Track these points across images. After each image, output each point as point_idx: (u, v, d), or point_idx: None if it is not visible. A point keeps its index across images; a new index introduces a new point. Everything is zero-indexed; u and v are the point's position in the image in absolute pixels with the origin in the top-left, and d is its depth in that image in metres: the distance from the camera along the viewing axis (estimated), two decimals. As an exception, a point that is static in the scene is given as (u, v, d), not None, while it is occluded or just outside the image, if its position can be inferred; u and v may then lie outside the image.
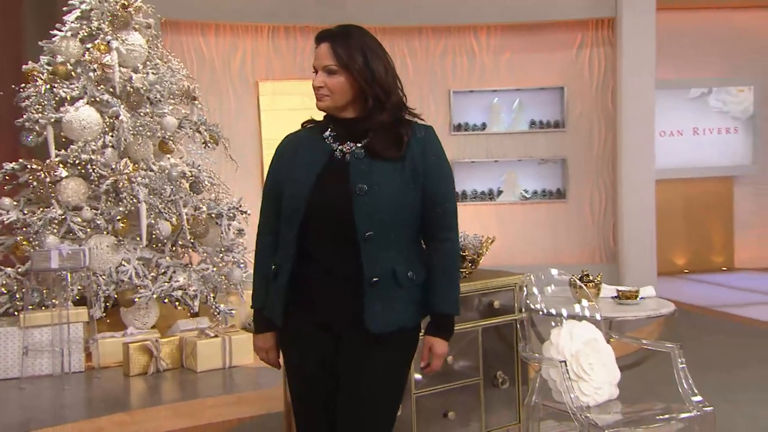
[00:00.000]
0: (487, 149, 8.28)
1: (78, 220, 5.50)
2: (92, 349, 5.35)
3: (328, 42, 2.37)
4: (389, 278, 2.34)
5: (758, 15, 9.22)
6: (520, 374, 3.47)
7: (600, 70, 8.29)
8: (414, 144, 2.39)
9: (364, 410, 2.39)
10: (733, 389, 4.71)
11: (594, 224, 8.39)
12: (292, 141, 2.53)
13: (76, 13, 5.82)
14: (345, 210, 2.32)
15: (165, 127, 5.80)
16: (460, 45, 8.20)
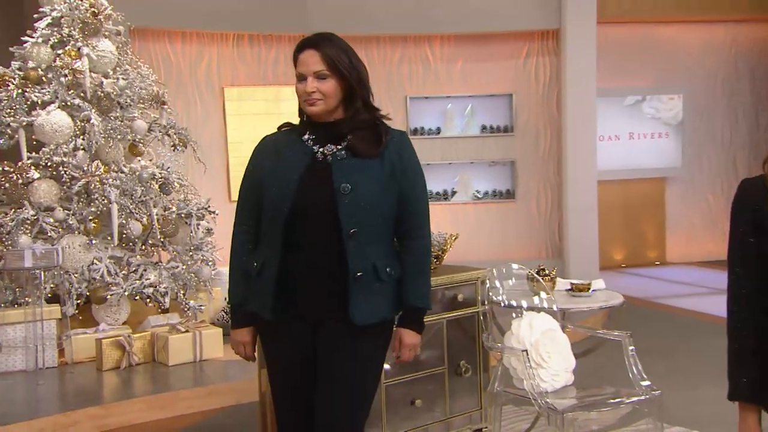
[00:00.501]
0: (441, 152, 8.31)
1: (50, 220, 5.37)
2: (65, 345, 5.25)
3: (314, 49, 2.35)
4: (371, 273, 2.34)
5: (686, 29, 9.39)
6: (482, 363, 3.49)
7: (545, 78, 8.38)
8: (391, 146, 2.40)
9: (343, 396, 2.38)
10: (670, 374, 4.82)
11: (541, 222, 8.49)
12: (271, 142, 2.50)
13: (47, 20, 5.69)
14: (329, 208, 2.31)
15: (135, 131, 5.72)
16: (415, 54, 8.22)
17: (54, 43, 5.67)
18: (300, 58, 2.36)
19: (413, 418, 3.30)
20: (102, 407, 4.39)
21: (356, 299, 2.32)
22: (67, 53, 5.61)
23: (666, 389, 3.26)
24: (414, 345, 2.46)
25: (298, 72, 2.36)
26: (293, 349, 2.43)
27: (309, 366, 2.42)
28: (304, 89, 2.34)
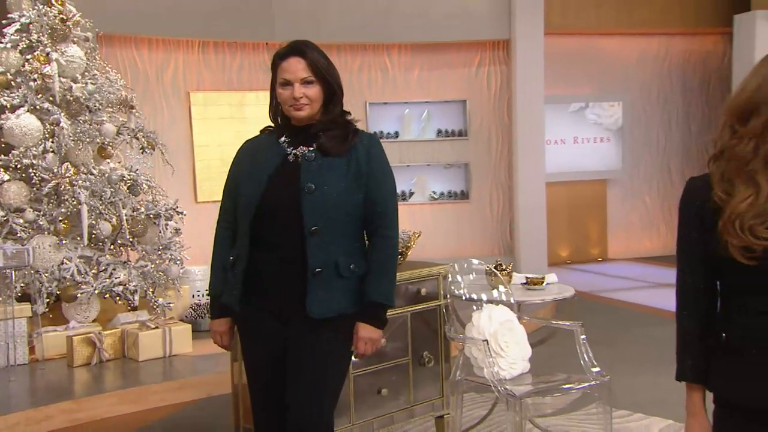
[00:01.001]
0: (399, 155, 8.29)
1: (20, 221, 5.25)
2: (36, 342, 5.15)
3: (299, 56, 2.34)
4: (331, 269, 2.33)
5: (625, 41, 9.54)
6: (444, 353, 3.48)
7: (497, 86, 8.45)
8: (360, 148, 2.39)
9: (307, 391, 2.37)
10: (614, 361, 4.91)
11: (493, 221, 8.55)
12: (250, 145, 2.52)
13: (16, 26, 5.55)
14: (294, 206, 2.31)
15: (104, 134, 5.61)
16: (375, 62, 8.23)
17: (23, 48, 5.54)
18: (284, 65, 2.34)
19: (379, 407, 3.28)
20: (74, 402, 4.33)
21: (314, 294, 2.31)
22: (36, 58, 5.48)
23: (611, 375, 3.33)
24: (370, 339, 2.40)
25: (283, 78, 2.34)
26: (264, 349, 2.43)
27: (279, 365, 2.41)
28: (291, 95, 2.32)
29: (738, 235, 1.70)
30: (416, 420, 3.50)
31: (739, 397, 1.79)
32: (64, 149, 5.39)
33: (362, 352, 2.43)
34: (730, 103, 1.82)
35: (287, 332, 2.39)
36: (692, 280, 1.87)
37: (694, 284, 1.87)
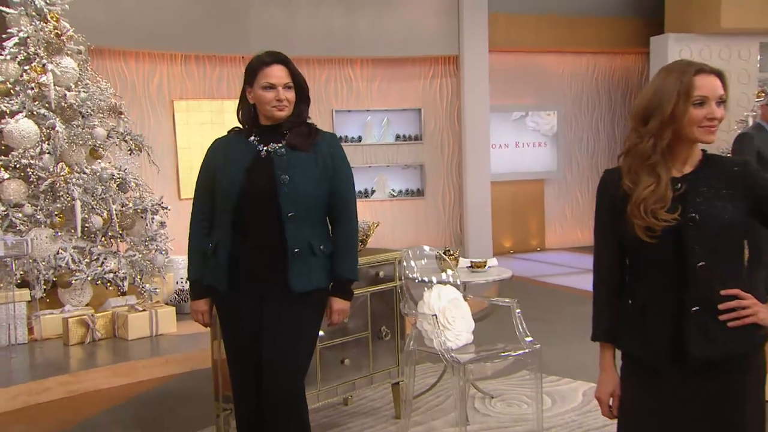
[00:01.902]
0: (362, 157, 8.31)
1: (19, 215, 5.22)
2: (34, 324, 5.12)
3: (282, 65, 2.40)
4: (307, 249, 2.39)
5: (559, 58, 9.61)
6: (399, 329, 3.53)
7: (448, 96, 8.47)
8: (323, 145, 2.47)
9: (282, 353, 2.41)
10: (548, 335, 5.02)
11: (445, 216, 8.59)
12: (222, 144, 2.54)
13: (15, 40, 5.50)
14: (271, 196, 2.36)
15: (95, 137, 5.57)
16: (340, 74, 8.19)
17: (21, 59, 5.50)
18: (268, 71, 2.39)
19: (343, 376, 3.33)
20: (70, 375, 4.33)
21: (295, 271, 2.37)
22: (33, 69, 5.45)
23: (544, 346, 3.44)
24: (343, 310, 2.51)
25: (268, 82, 2.37)
26: (243, 325, 2.46)
27: (255, 340, 2.45)
28: (275, 97, 2.37)
29: (642, 217, 1.82)
30: (375, 386, 3.55)
31: (638, 351, 1.91)
32: (59, 151, 5.36)
33: (336, 322, 2.53)
34: (634, 109, 1.95)
35: (263, 308, 2.42)
36: (606, 256, 1.97)
37: (607, 260, 1.97)
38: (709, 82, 1.82)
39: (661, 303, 1.85)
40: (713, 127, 1.83)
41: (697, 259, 1.80)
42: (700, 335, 1.81)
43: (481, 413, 3.63)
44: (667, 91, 1.83)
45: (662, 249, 1.82)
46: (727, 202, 1.83)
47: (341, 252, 2.48)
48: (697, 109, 1.82)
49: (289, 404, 2.41)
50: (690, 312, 1.81)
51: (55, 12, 5.61)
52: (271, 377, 2.40)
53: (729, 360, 1.83)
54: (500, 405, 3.74)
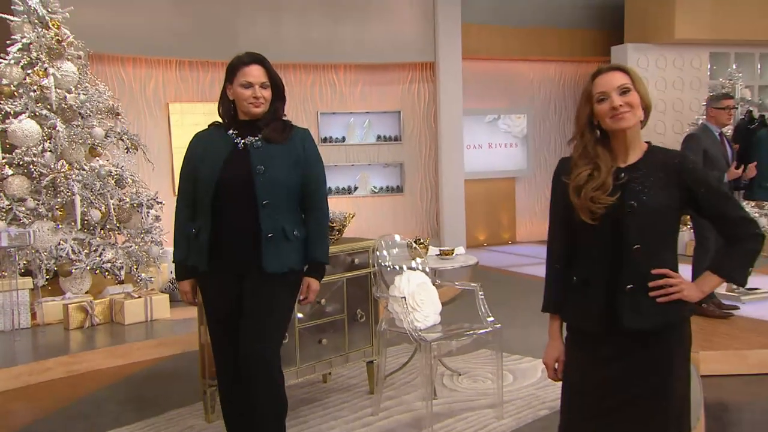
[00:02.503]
0: (345, 156, 8.33)
1: (22, 209, 5.21)
2: (37, 309, 5.11)
3: (260, 65, 2.43)
4: (280, 234, 2.42)
5: (529, 65, 9.65)
6: (373, 311, 3.56)
7: (425, 100, 8.50)
8: (297, 139, 2.50)
9: (259, 326, 2.43)
10: (515, 318, 5.09)
11: (423, 210, 8.61)
12: (203, 137, 2.57)
13: (18, 46, 5.48)
14: (248, 184, 2.39)
15: (94, 136, 5.56)
16: (325, 78, 8.20)
17: (24, 64, 5.48)
18: (247, 70, 2.41)
19: (320, 355, 3.36)
20: (69, 356, 4.33)
21: (268, 254, 2.39)
22: (36, 73, 5.43)
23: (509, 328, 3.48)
24: (316, 290, 2.55)
25: (246, 80, 2.40)
26: (224, 302, 2.49)
27: (235, 316, 2.47)
28: (252, 94, 2.40)
29: (586, 202, 1.90)
30: (350, 365, 3.58)
31: (578, 322, 1.98)
32: (60, 149, 5.35)
33: (310, 300, 2.56)
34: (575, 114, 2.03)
35: (243, 287, 2.44)
36: (557, 237, 2.03)
37: (558, 241, 2.02)
38: (605, 79, 1.91)
39: (600, 279, 1.91)
40: (619, 115, 1.89)
41: (632, 242, 1.87)
42: (633, 309, 1.87)
43: (448, 389, 3.68)
44: (581, 101, 1.95)
45: (602, 231, 1.89)
46: (664, 191, 1.90)
47: (314, 237, 2.51)
48: (600, 104, 1.91)
49: (264, 369, 2.42)
50: (625, 289, 1.88)
51: (56, 20, 5.59)
52: (247, 343, 2.42)
53: (657, 331, 1.90)
54: (466, 381, 3.79)
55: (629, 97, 1.89)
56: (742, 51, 9.10)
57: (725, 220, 1.95)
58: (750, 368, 4.05)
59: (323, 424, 3.22)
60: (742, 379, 4.02)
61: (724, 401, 3.76)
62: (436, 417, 3.20)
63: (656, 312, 1.88)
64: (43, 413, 3.57)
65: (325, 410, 3.39)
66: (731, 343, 4.30)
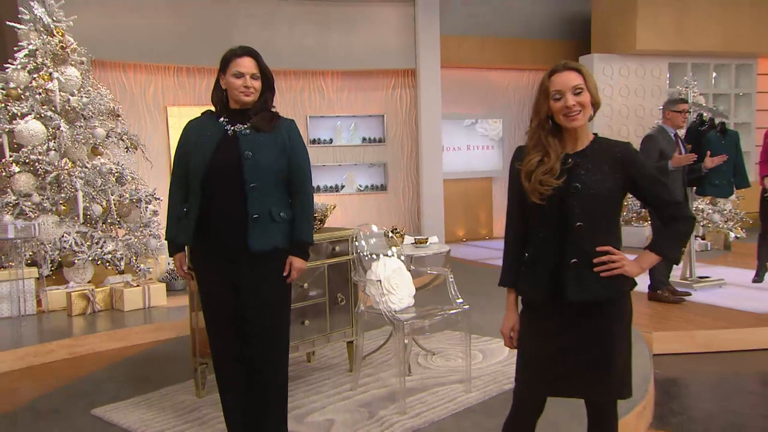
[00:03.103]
0: (333, 156, 8.34)
1: (29, 203, 5.21)
2: (42, 297, 5.13)
3: (251, 57, 2.45)
4: (266, 216, 2.42)
5: (504, 74, 9.70)
6: (353, 295, 3.58)
7: (407, 104, 8.51)
8: (283, 128, 2.50)
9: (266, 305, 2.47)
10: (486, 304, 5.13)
11: (405, 207, 8.61)
12: (195, 123, 2.56)
13: (25, 52, 5.50)
14: (236, 169, 2.39)
15: (96, 136, 5.58)
16: (314, 84, 8.21)
17: (30, 69, 5.50)
18: (239, 61, 2.43)
19: (304, 335, 3.38)
20: (72, 339, 4.36)
21: (253, 234, 2.39)
22: (41, 77, 5.45)
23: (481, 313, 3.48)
24: (300, 268, 2.52)
25: (238, 71, 2.42)
26: (216, 278, 2.50)
27: (229, 291, 2.49)
28: (243, 83, 2.41)
29: (535, 185, 1.96)
30: (332, 344, 3.61)
31: (529, 294, 2.04)
32: (64, 148, 5.37)
33: (294, 278, 2.53)
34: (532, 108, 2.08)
35: (236, 267, 2.44)
36: (513, 218, 2.08)
37: (514, 221, 2.07)
38: (562, 78, 1.95)
39: (548, 255, 1.97)
40: (572, 114, 1.94)
41: (576, 220, 1.93)
42: (577, 282, 1.94)
43: (422, 367, 3.73)
44: (538, 96, 1.99)
45: (550, 211, 1.95)
46: (607, 176, 1.96)
47: (299, 219, 2.51)
48: (556, 102, 1.96)
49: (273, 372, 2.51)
50: (569, 263, 1.94)
51: (61, 28, 5.61)
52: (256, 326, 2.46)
53: (600, 304, 1.97)
54: (439, 360, 3.84)
55: (582, 97, 1.95)
56: (698, 62, 9.25)
57: (661, 204, 2.02)
58: (698, 347, 4.16)
59: (306, 398, 3.27)
60: (690, 356, 4.11)
61: (672, 377, 3.85)
62: (409, 391, 3.25)
63: (598, 286, 1.94)
64: (46, 391, 3.60)
65: (309, 386, 3.43)
66: (683, 324, 4.40)
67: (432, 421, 2.96)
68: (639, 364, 3.49)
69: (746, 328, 4.22)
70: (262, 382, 2.50)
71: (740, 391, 3.65)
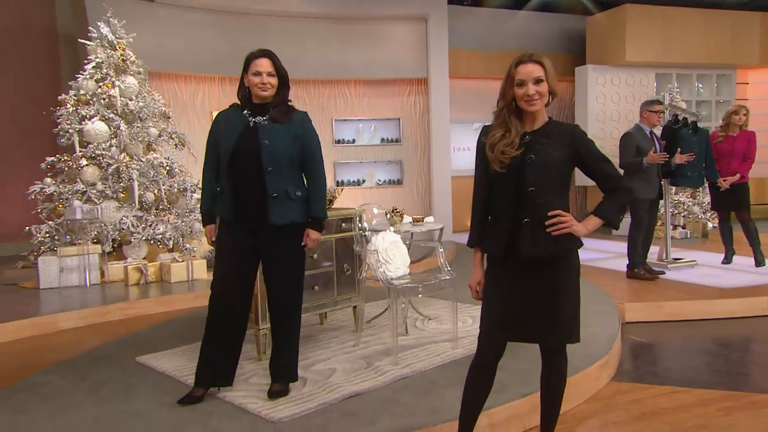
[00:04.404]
0: (355, 155, 8.36)
1: (94, 191, 5.44)
2: (104, 270, 5.32)
3: (268, 58, 2.53)
4: (283, 194, 2.51)
5: None
6: (358, 266, 3.61)
7: (420, 109, 8.50)
8: (297, 120, 2.58)
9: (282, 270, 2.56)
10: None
11: (418, 200, 8.59)
12: (223, 115, 2.65)
13: (92, 64, 5.76)
14: (256, 154, 2.48)
15: (150, 135, 5.78)
16: (338, 91, 8.24)
17: (97, 78, 5.73)
18: (257, 61, 2.52)
19: (314, 299, 3.42)
20: (126, 303, 4.55)
21: (272, 210, 2.49)
22: (106, 85, 5.68)
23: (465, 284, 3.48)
24: (315, 239, 2.60)
25: (256, 69, 2.51)
26: (237, 243, 2.58)
27: (246, 256, 2.58)
28: (260, 80, 2.50)
29: (498, 154, 2.00)
30: (338, 308, 3.63)
31: (490, 251, 2.08)
32: (123, 144, 5.57)
33: (310, 247, 2.62)
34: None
35: (258, 238, 2.53)
36: (479, 186, 2.11)
37: (480, 189, 2.10)
38: (526, 69, 1.99)
39: (506, 216, 2.02)
40: (531, 101, 1.99)
41: (529, 185, 1.97)
42: (529, 239, 1.97)
43: (418, 329, 3.77)
44: (506, 82, 2.02)
45: (509, 178, 2.00)
46: (556, 150, 2.00)
47: (313, 197, 2.59)
48: (519, 89, 1.99)
49: (289, 324, 2.61)
50: (522, 222, 1.98)
51: (122, 43, 5.82)
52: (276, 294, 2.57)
53: (551, 259, 2.00)
54: (434, 324, 3.87)
55: (541, 87, 1.99)
56: (683, 72, 9.06)
57: (604, 177, 2.05)
58: (665, 316, 4.11)
59: (315, 352, 3.33)
60: (659, 324, 4.07)
61: (640, 341, 3.81)
62: (404, 347, 3.30)
63: (548, 243, 1.98)
64: (102, 343, 3.76)
65: (319, 343, 3.50)
66: (654, 297, 4.35)
67: (420, 370, 3.00)
68: (607, 328, 3.50)
69: (709, 300, 4.15)
70: (282, 323, 2.62)
71: (698, 352, 3.61)
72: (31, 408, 2.63)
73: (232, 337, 2.64)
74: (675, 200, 7.53)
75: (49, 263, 5.10)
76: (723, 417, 2.58)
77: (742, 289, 4.46)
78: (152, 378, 3.00)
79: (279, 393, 2.64)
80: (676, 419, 2.58)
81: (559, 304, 2.00)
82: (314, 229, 2.60)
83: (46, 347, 3.83)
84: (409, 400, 2.61)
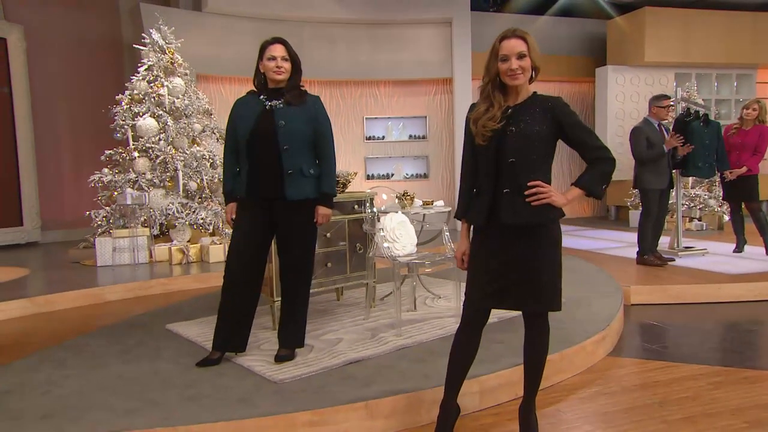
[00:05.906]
0: (385, 150, 8.34)
1: (144, 180, 5.59)
2: (152, 250, 5.47)
3: (281, 44, 2.52)
4: (298, 171, 2.50)
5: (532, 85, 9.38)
6: (369, 245, 3.54)
7: (445, 108, 8.41)
8: (310, 103, 2.56)
9: (296, 242, 2.54)
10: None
11: (443, 191, 8.40)
12: (242, 101, 2.64)
13: (145, 66, 5.90)
14: (272, 135, 2.47)
15: (194, 130, 5.89)
16: (369, 91, 8.24)
17: (149, 79, 5.87)
18: (271, 47, 2.51)
19: (327, 275, 3.40)
20: (167, 279, 4.65)
21: (288, 186, 2.48)
22: (156, 85, 5.82)
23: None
24: (326, 215, 2.58)
25: (270, 55, 2.49)
26: (254, 219, 2.58)
27: (261, 231, 2.57)
28: (275, 65, 2.48)
29: (480, 128, 1.92)
30: (351, 284, 3.59)
31: (474, 221, 1.99)
32: (170, 138, 5.70)
33: (320, 222, 2.59)
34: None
35: (274, 212, 2.53)
36: (466, 160, 2.03)
37: (468, 163, 2.03)
38: (509, 44, 1.89)
39: (487, 187, 1.93)
40: (514, 75, 1.90)
41: (509, 157, 1.89)
42: (509, 208, 1.88)
43: (427, 306, 3.69)
44: (490, 58, 1.94)
45: (490, 150, 1.91)
46: (537, 122, 1.90)
47: (324, 175, 2.57)
48: (503, 63, 1.90)
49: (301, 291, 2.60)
50: (503, 192, 1.89)
51: (171, 48, 5.96)
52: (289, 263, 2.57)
53: (531, 228, 1.89)
54: (442, 302, 3.78)
55: (524, 62, 1.90)
56: (702, 71, 8.57)
57: (587, 148, 1.93)
58: (670, 299, 3.87)
59: (326, 325, 3.31)
60: (663, 306, 3.83)
61: (642, 321, 3.61)
62: (410, 321, 3.24)
63: (528, 212, 1.88)
64: (142, 311, 3.87)
65: (331, 316, 3.48)
66: (660, 281, 4.11)
67: (421, 341, 2.93)
68: (608, 308, 3.32)
69: (715, 284, 3.88)
70: (292, 293, 2.61)
71: (698, 332, 3.37)
72: (69, 364, 2.72)
73: (244, 306, 2.64)
74: (691, 193, 7.16)
75: (105, 244, 5.29)
76: (713, 390, 2.41)
77: (750, 275, 4.16)
78: (177, 343, 3.05)
79: (285, 357, 2.63)
80: (666, 391, 2.43)
81: (538, 270, 1.90)
82: (324, 205, 2.58)
83: (95, 315, 3.98)
84: (405, 366, 2.55)
